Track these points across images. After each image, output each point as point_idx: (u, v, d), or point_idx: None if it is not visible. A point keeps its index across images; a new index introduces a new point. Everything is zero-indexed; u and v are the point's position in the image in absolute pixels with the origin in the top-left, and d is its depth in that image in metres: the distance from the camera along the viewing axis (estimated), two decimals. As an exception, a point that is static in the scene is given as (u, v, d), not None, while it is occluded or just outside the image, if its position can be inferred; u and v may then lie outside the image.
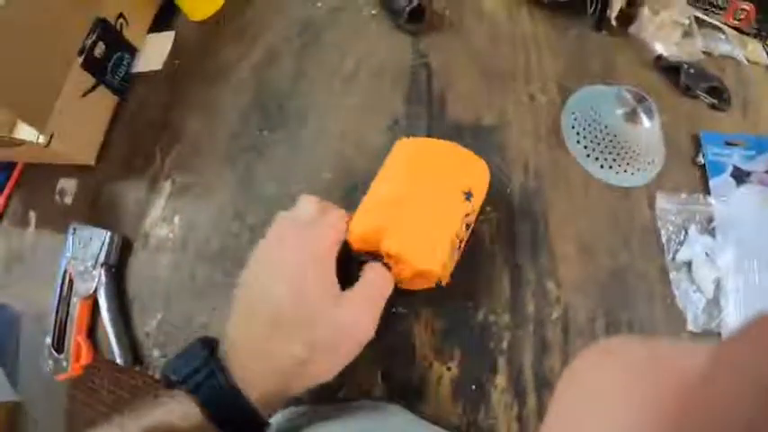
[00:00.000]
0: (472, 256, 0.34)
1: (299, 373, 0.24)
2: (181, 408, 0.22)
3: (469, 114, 0.38)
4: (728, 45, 0.48)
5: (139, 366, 0.37)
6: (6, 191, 0.53)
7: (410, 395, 0.31)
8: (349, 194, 0.36)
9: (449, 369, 0.31)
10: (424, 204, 0.28)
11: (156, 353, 0.37)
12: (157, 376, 0.36)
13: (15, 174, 0.53)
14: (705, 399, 0.10)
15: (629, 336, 0.14)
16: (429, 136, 0.35)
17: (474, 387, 0.31)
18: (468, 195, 0.29)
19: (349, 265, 0.27)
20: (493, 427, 0.30)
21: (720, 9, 0.49)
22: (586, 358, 0.15)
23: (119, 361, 0.37)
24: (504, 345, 0.32)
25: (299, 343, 0.24)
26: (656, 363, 0.13)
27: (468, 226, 0.30)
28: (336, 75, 0.42)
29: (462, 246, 0.30)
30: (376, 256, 0.28)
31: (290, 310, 0.24)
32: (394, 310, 0.33)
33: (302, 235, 0.26)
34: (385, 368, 0.32)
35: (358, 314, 0.26)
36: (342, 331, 0.25)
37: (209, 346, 0.25)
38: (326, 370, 0.25)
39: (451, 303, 0.33)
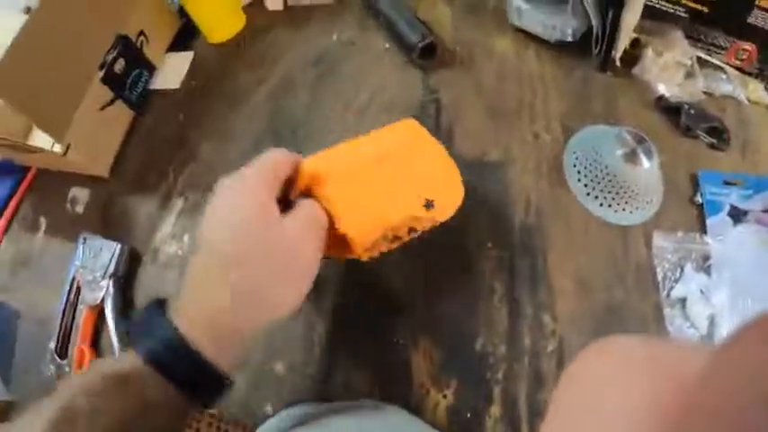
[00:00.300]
0: (473, 288, 0.35)
1: (254, 304, 0.24)
2: (129, 361, 0.22)
3: (476, 150, 0.39)
4: (730, 85, 0.49)
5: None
6: (18, 194, 0.54)
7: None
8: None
9: (445, 397, 0.33)
10: (383, 183, 0.29)
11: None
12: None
13: (28, 178, 0.55)
14: (703, 401, 0.10)
15: (628, 335, 0.14)
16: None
17: (469, 415, 0.32)
18: (429, 204, 0.29)
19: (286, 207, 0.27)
20: (487, 456, 0.31)
21: (722, 49, 0.51)
22: (586, 359, 0.15)
23: (122, 372, 0.38)
24: (500, 375, 0.33)
25: (250, 266, 0.23)
26: (655, 364, 0.13)
27: (411, 230, 0.30)
28: (349, 107, 0.44)
29: (396, 243, 0.30)
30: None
31: (238, 243, 0.24)
32: (395, 340, 0.34)
33: (239, 177, 0.26)
34: (383, 394, 0.33)
35: (301, 236, 0.25)
36: (289, 252, 0.24)
37: (161, 305, 0.24)
38: (282, 299, 0.25)
39: (450, 333, 0.34)
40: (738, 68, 0.51)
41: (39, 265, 0.49)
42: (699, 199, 0.40)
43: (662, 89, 0.46)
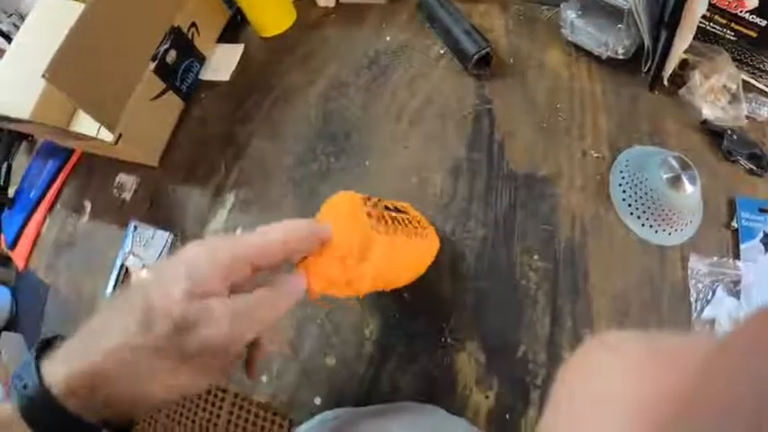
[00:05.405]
0: (518, 297, 0.39)
1: (125, 409, 0.23)
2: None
3: (528, 165, 0.43)
4: (772, 110, 0.52)
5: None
6: (62, 176, 0.57)
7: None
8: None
9: (487, 398, 0.37)
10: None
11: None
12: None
13: (72, 160, 0.58)
14: (705, 397, 0.10)
15: (630, 331, 0.15)
16: (488, 183, 0.41)
17: (508, 416, 0.36)
18: None
19: None
20: (523, 454, 0.35)
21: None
22: (587, 351, 0.16)
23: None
24: (539, 380, 0.37)
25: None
26: (657, 360, 0.13)
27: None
28: (403, 113, 0.47)
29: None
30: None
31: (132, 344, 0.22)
32: (443, 339, 0.38)
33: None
34: (429, 392, 0.37)
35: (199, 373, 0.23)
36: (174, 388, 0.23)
37: (47, 345, 0.24)
38: (162, 401, 0.24)
39: (495, 339, 0.38)
40: (782, 93, 0.54)
41: (83, 248, 0.52)
42: (735, 224, 0.44)
43: (706, 112, 0.49)
